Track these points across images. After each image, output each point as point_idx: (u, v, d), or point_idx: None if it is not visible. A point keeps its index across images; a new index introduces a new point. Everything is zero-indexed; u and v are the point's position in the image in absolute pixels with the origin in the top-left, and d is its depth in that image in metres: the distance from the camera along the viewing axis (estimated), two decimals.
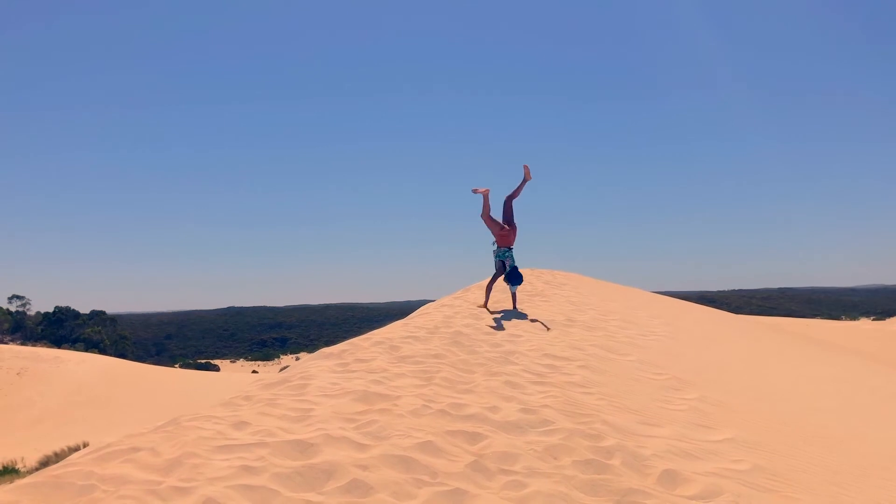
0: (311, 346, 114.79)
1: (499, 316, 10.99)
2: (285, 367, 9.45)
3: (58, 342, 71.82)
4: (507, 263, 11.30)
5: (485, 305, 11.66)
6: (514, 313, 11.24)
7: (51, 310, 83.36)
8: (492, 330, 9.80)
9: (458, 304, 12.30)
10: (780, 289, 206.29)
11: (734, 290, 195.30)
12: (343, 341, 8.87)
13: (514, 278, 11.31)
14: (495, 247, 11.40)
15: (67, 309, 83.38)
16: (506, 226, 11.39)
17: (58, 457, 20.47)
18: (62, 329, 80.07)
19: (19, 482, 4.12)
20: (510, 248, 11.42)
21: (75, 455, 4.87)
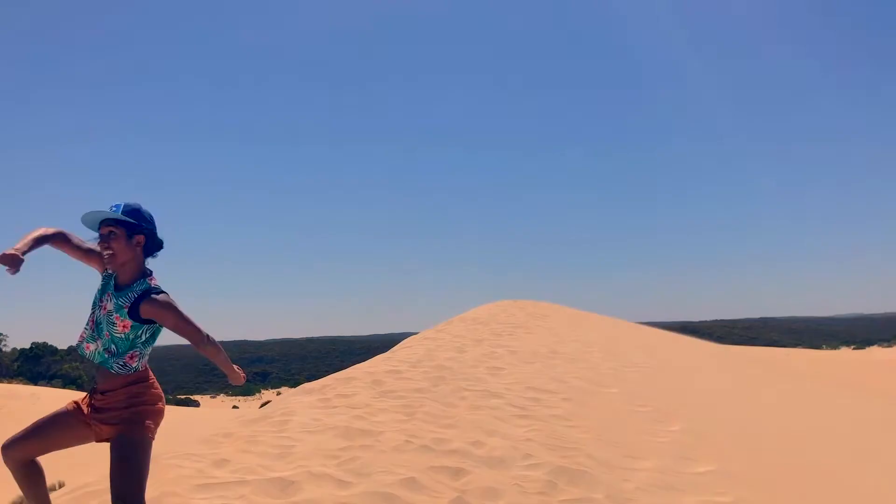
0: (292, 380, 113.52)
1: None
2: (266, 403, 9.37)
3: (35, 379, 70.54)
4: None
5: None
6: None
7: (28, 346, 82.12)
8: (474, 363, 9.78)
9: (441, 337, 12.27)
10: (761, 318, 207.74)
11: (716, 319, 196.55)
12: (325, 375, 8.80)
13: None
14: None
15: (45, 345, 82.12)
16: None
17: None
18: (39, 365, 78.75)
19: None
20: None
21: (51, 496, 4.76)
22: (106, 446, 3.26)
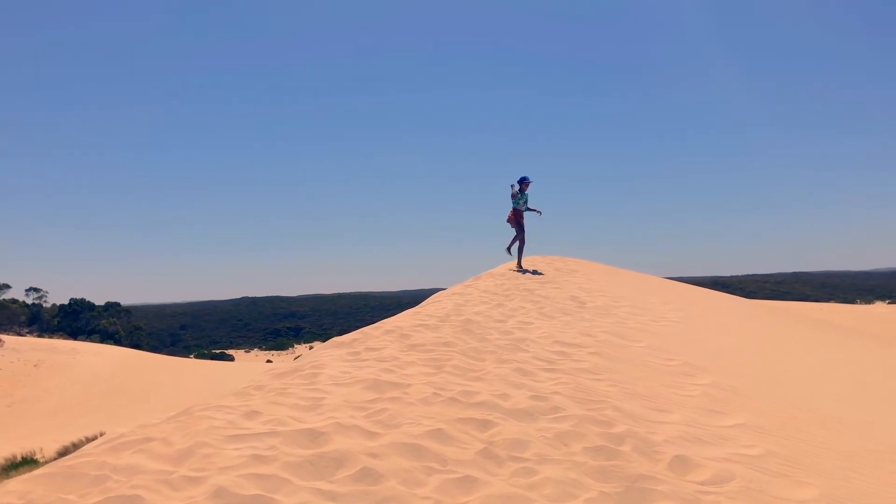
0: (324, 335, 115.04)
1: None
2: (299, 357, 9.49)
3: (74, 334, 72.37)
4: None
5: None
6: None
7: (66, 302, 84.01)
8: (502, 317, 9.80)
9: (469, 293, 12.29)
10: (793, 273, 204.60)
11: (748, 274, 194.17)
12: (355, 330, 8.89)
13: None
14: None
15: (83, 301, 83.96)
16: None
17: (75, 447, 20.68)
18: (78, 321, 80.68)
19: (34, 472, 4.16)
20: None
21: (89, 445, 4.91)
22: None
